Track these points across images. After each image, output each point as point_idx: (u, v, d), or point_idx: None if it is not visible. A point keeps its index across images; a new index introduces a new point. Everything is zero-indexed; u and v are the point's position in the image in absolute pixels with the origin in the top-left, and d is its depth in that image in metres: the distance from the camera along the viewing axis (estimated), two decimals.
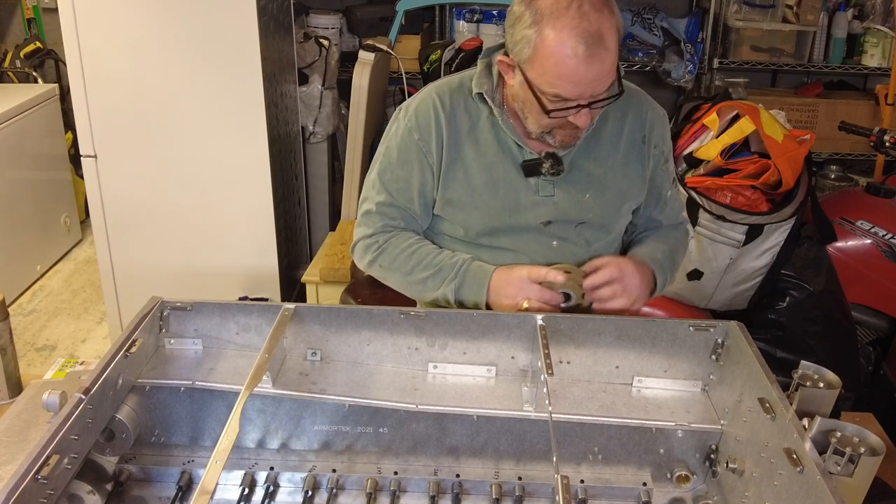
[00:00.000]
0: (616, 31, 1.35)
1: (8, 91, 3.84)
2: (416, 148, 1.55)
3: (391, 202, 1.59)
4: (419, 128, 1.55)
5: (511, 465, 1.32)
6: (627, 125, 1.56)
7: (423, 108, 1.56)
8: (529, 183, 1.53)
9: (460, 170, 1.55)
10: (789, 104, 3.80)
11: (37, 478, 0.99)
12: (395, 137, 1.58)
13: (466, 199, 1.55)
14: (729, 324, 1.35)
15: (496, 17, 3.88)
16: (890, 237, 2.47)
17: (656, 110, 1.61)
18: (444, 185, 1.56)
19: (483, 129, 1.54)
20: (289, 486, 1.30)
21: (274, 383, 1.30)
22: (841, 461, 1.03)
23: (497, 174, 1.53)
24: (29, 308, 3.61)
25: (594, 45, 1.32)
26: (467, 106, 1.55)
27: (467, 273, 1.52)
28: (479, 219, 1.56)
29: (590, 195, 1.55)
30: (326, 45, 3.44)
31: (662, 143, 1.61)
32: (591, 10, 1.32)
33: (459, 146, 1.54)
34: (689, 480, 1.30)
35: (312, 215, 3.65)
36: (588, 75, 1.35)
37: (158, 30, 2.71)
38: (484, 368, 1.38)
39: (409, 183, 1.57)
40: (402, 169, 1.57)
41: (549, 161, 1.50)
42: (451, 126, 1.54)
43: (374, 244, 1.60)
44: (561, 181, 1.53)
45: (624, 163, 1.57)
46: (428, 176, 1.56)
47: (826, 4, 3.79)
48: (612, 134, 1.56)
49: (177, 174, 2.90)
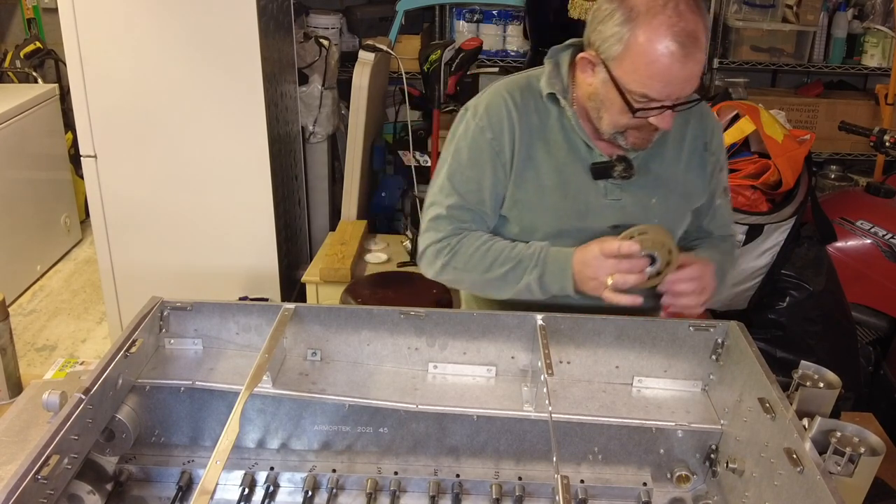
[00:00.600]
0: (708, 32, 1.36)
1: (8, 91, 3.84)
2: (489, 147, 1.51)
3: (462, 204, 1.53)
4: (491, 127, 1.51)
5: (511, 465, 1.32)
6: (690, 130, 1.55)
7: (494, 106, 1.52)
8: (598, 186, 1.51)
9: (532, 170, 1.52)
10: (789, 104, 3.80)
11: (37, 478, 0.99)
12: (465, 138, 1.54)
13: (536, 201, 1.52)
14: (729, 324, 1.35)
15: (496, 16, 3.89)
16: (890, 237, 2.47)
17: (714, 118, 1.61)
18: (515, 185, 1.52)
19: (553, 130, 1.51)
20: (289, 486, 1.30)
21: (274, 383, 1.30)
22: (841, 461, 1.03)
23: (567, 176, 1.51)
24: (29, 308, 3.61)
25: (690, 45, 1.30)
26: (537, 106, 1.52)
27: (547, 259, 1.48)
28: (548, 221, 1.53)
29: (656, 199, 1.53)
30: (326, 45, 3.44)
31: (720, 151, 1.60)
32: (687, 10, 1.31)
33: (531, 146, 1.52)
34: (689, 480, 1.30)
35: (312, 215, 3.65)
36: (681, 75, 1.33)
37: (158, 30, 2.71)
38: (484, 368, 1.38)
39: (480, 184, 1.52)
40: (472, 170, 1.53)
41: (621, 164, 1.47)
42: (524, 125, 1.51)
43: (445, 247, 1.54)
44: (628, 185, 1.51)
45: (687, 168, 1.55)
46: (500, 175, 1.52)
47: (826, 4, 3.79)
48: (675, 139, 1.54)
49: (177, 174, 2.90)
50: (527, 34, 3.70)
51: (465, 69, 3.24)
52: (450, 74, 3.12)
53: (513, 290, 1.51)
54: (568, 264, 1.45)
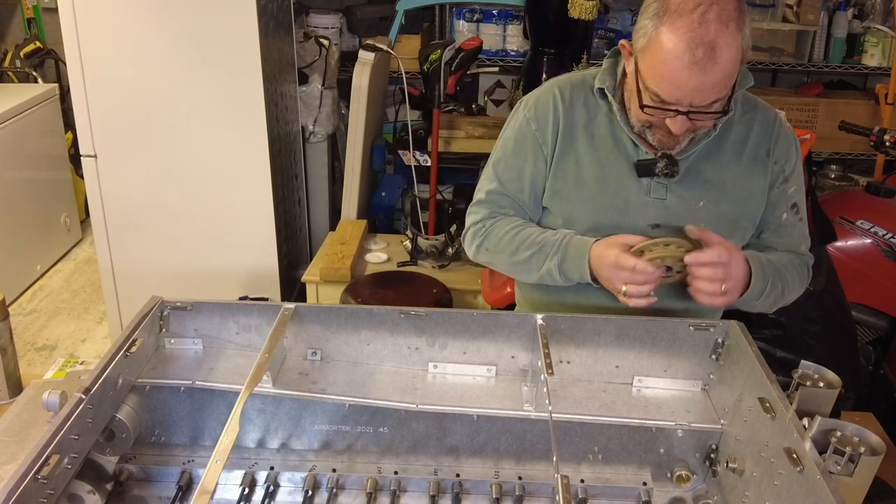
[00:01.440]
0: (737, 49, 1.30)
1: (8, 91, 3.84)
2: (532, 138, 1.55)
3: (501, 191, 1.59)
4: (537, 118, 1.55)
5: (511, 464, 1.32)
6: (753, 135, 1.52)
7: (542, 100, 1.56)
8: (641, 183, 1.50)
9: (572, 161, 1.53)
10: (789, 104, 3.80)
11: (37, 478, 0.99)
12: (513, 128, 1.59)
13: (575, 192, 1.54)
14: (729, 323, 1.35)
15: (496, 16, 3.89)
16: (890, 237, 2.47)
17: (784, 127, 1.56)
18: (554, 175, 1.55)
19: (600, 125, 1.52)
20: (289, 486, 1.30)
21: (274, 383, 1.30)
22: (841, 461, 1.03)
23: (609, 170, 1.52)
24: (29, 308, 3.61)
25: (702, 55, 1.28)
26: (587, 101, 1.54)
27: (569, 247, 1.49)
28: (585, 213, 1.54)
29: (704, 203, 1.51)
30: (326, 44, 3.44)
31: (785, 161, 1.54)
32: (714, 20, 1.28)
33: (574, 138, 1.53)
34: (689, 480, 1.30)
35: (312, 215, 3.65)
36: (689, 83, 1.31)
37: (158, 30, 2.71)
38: (484, 368, 1.38)
39: (521, 173, 1.57)
40: (516, 159, 1.57)
41: (663, 161, 1.45)
42: (568, 118, 1.53)
43: (480, 229, 1.60)
44: (675, 185, 1.50)
45: (746, 174, 1.52)
46: (541, 165, 1.55)
47: (826, 4, 3.79)
48: (735, 142, 1.51)
49: (177, 174, 2.90)
50: (527, 34, 3.70)
51: (465, 69, 3.24)
52: (450, 74, 3.12)
53: (537, 275, 1.53)
54: (585, 253, 1.46)
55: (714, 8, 1.28)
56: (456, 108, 3.66)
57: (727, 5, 1.29)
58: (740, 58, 1.33)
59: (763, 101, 1.58)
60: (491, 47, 3.90)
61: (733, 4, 1.30)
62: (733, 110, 1.45)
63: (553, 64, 3.21)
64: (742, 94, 1.52)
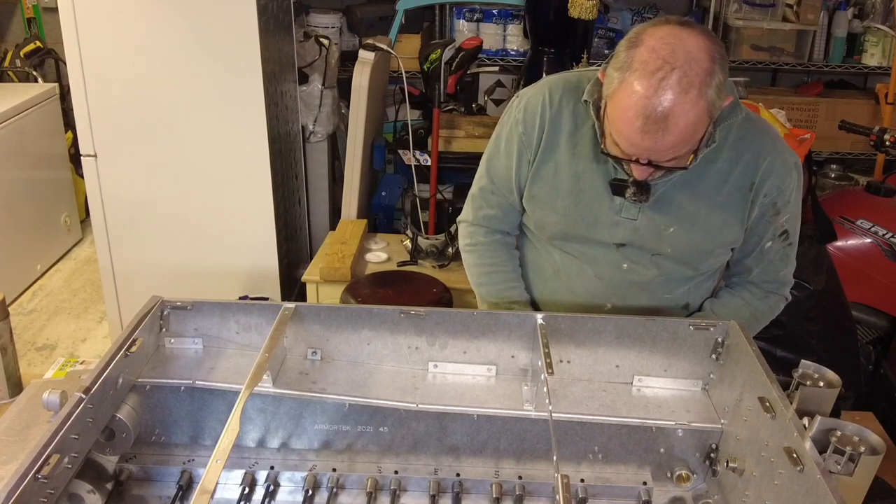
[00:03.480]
0: (697, 114, 1.26)
1: (8, 91, 3.83)
2: (519, 140, 1.56)
3: (492, 189, 1.63)
4: (525, 122, 1.55)
5: (511, 464, 1.32)
6: (738, 168, 1.48)
7: (532, 102, 1.55)
8: (614, 201, 1.50)
9: (551, 169, 1.54)
10: (789, 103, 3.80)
11: (37, 477, 0.99)
12: (506, 126, 1.60)
13: (548, 201, 1.55)
14: (729, 323, 1.35)
15: (496, 16, 3.89)
16: (890, 236, 2.47)
17: (780, 158, 1.49)
18: (532, 180, 1.56)
19: (585, 136, 1.51)
20: (289, 486, 1.30)
21: (274, 383, 1.30)
22: (841, 460, 1.03)
23: (584, 184, 1.51)
24: (29, 307, 3.61)
25: (652, 124, 1.26)
26: (576, 108, 1.52)
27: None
28: (555, 222, 1.56)
29: (675, 229, 1.50)
30: (326, 44, 3.44)
31: (777, 193, 1.50)
32: (673, 87, 1.24)
33: (556, 146, 1.53)
34: (689, 480, 1.30)
35: (312, 215, 3.65)
36: (642, 144, 1.30)
37: (158, 30, 2.71)
38: (484, 367, 1.38)
39: (509, 173, 1.59)
40: (506, 158, 1.60)
41: (633, 187, 1.43)
42: (554, 125, 1.53)
43: (469, 238, 1.70)
44: (647, 207, 1.49)
45: (723, 205, 1.50)
46: (525, 169, 1.57)
47: (826, 4, 3.79)
48: (719, 173, 1.48)
49: (177, 174, 2.90)
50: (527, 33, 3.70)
51: (466, 68, 3.24)
52: (450, 74, 3.11)
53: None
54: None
55: (675, 73, 1.24)
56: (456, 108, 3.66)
57: (691, 69, 1.24)
58: (705, 118, 1.29)
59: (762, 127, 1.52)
60: (491, 47, 3.90)
61: (699, 67, 1.25)
62: (715, 143, 1.42)
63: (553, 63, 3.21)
64: (740, 121, 1.48)
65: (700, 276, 1.59)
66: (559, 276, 1.61)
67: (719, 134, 1.43)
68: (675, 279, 1.57)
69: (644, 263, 1.54)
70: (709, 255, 1.55)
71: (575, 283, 1.59)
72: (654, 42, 1.27)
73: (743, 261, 1.61)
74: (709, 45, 1.28)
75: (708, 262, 1.57)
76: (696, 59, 1.25)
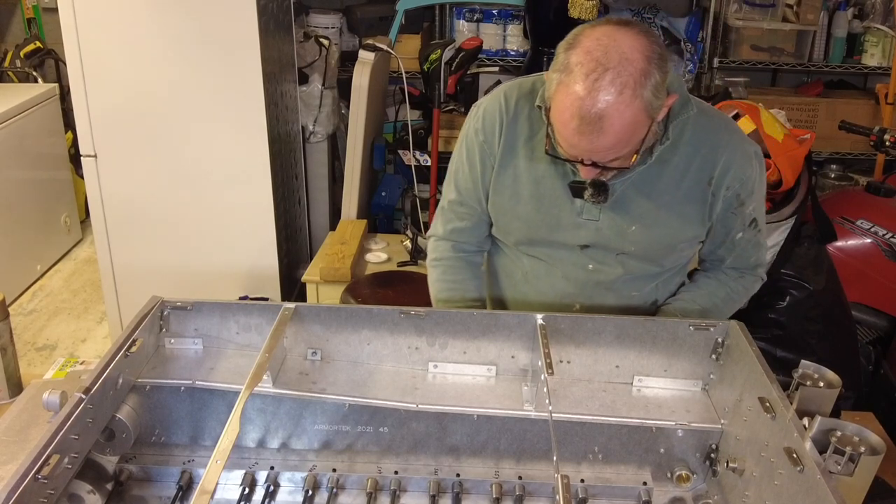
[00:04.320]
0: (633, 113, 1.26)
1: (8, 91, 3.83)
2: (481, 149, 1.56)
3: (461, 201, 1.63)
4: (484, 130, 1.55)
5: (511, 464, 1.32)
6: (696, 164, 1.47)
7: (490, 110, 1.55)
8: (575, 204, 1.50)
9: (510, 176, 1.54)
10: (789, 103, 3.80)
11: (37, 477, 0.99)
12: (466, 137, 1.60)
13: (510, 207, 1.55)
14: (729, 323, 1.35)
15: (496, 16, 3.88)
16: (890, 236, 2.47)
17: (739, 151, 1.49)
18: (493, 187, 1.57)
19: (541, 141, 1.50)
20: (289, 486, 1.30)
21: (274, 383, 1.30)
22: (841, 460, 1.03)
23: (544, 188, 1.52)
24: (29, 308, 3.61)
25: (586, 125, 1.26)
26: (531, 113, 1.52)
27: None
28: (519, 228, 1.56)
29: (636, 228, 1.51)
30: (326, 44, 3.44)
31: (740, 185, 1.49)
32: (606, 88, 1.24)
33: (514, 153, 1.53)
34: (689, 480, 1.30)
35: (312, 215, 3.65)
36: (579, 145, 1.32)
37: (158, 30, 2.71)
38: (484, 368, 1.38)
39: (476, 183, 1.59)
40: (470, 168, 1.59)
41: (591, 189, 1.44)
42: (511, 132, 1.53)
43: (436, 253, 1.68)
44: (608, 208, 1.49)
45: (683, 201, 1.49)
46: (488, 177, 1.57)
47: (826, 4, 3.78)
48: (676, 169, 1.48)
49: (177, 174, 2.90)
50: (527, 34, 3.70)
51: (466, 69, 3.24)
52: (450, 74, 3.12)
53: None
54: None
55: (608, 74, 1.24)
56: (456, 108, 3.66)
57: (624, 70, 1.24)
58: (642, 118, 1.29)
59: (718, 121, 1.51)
60: (491, 47, 3.89)
61: (633, 68, 1.25)
62: (669, 140, 1.43)
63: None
64: (694, 116, 1.47)
65: (666, 272, 1.60)
66: (528, 279, 1.62)
67: (673, 131, 1.44)
68: (641, 277, 1.57)
69: (609, 263, 1.55)
70: (672, 252, 1.56)
71: (544, 285, 1.60)
72: (590, 43, 1.28)
73: (715, 251, 1.61)
74: (645, 46, 1.27)
75: (672, 259, 1.57)
76: (631, 59, 1.25)
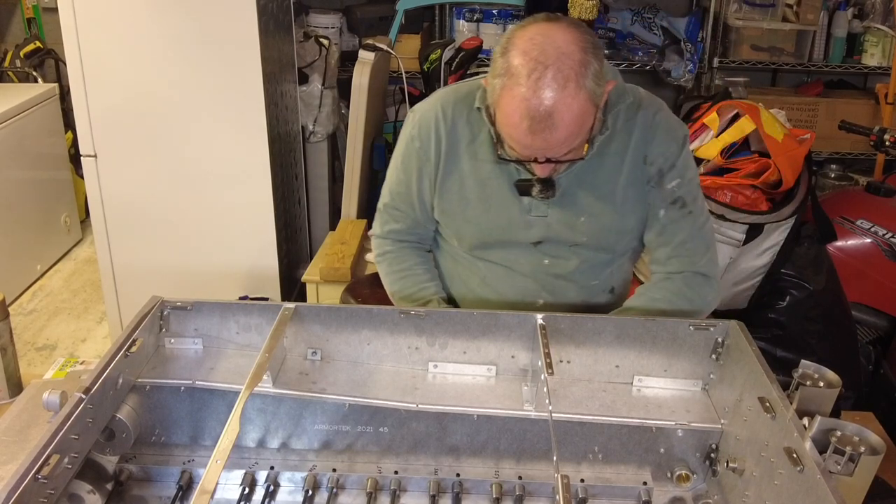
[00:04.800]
0: (580, 104, 1.29)
1: (8, 91, 3.83)
2: (417, 156, 1.57)
3: (394, 205, 1.64)
4: (420, 136, 1.56)
5: (511, 464, 1.32)
6: (633, 142, 1.50)
7: (426, 116, 1.56)
8: (523, 202, 1.52)
9: (456, 181, 1.55)
10: (789, 103, 3.80)
11: (37, 477, 0.99)
12: (402, 144, 1.61)
13: (459, 212, 1.56)
14: (729, 323, 1.35)
15: (496, 16, 3.88)
16: (890, 236, 2.47)
17: (663, 125, 1.51)
18: (439, 195, 1.57)
19: (483, 143, 1.52)
20: (289, 486, 1.30)
21: (274, 383, 1.30)
22: (841, 460, 1.03)
23: (491, 190, 1.53)
24: (29, 308, 3.61)
25: (538, 123, 1.28)
26: (470, 117, 1.53)
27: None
28: (471, 232, 1.57)
29: (585, 218, 1.52)
30: (326, 44, 3.44)
31: (663, 159, 1.50)
32: (550, 84, 1.26)
33: (457, 158, 1.54)
34: (689, 480, 1.30)
35: (312, 215, 3.65)
36: (534, 145, 1.33)
37: (158, 30, 2.71)
38: (484, 368, 1.38)
39: (409, 189, 1.60)
40: (405, 174, 1.60)
41: (539, 185, 1.46)
42: (451, 137, 1.53)
43: (378, 247, 1.69)
44: (556, 202, 1.51)
45: (625, 185, 1.51)
46: (426, 183, 1.58)
47: (826, 4, 3.79)
48: (616, 155, 1.50)
49: (177, 174, 2.90)
50: None
51: (466, 68, 3.24)
52: (450, 74, 3.11)
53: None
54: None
55: (549, 71, 1.26)
56: None
57: (564, 64, 1.26)
58: (589, 107, 1.31)
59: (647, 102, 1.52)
60: (491, 47, 3.88)
61: (571, 60, 1.27)
62: (608, 130, 1.46)
63: None
64: (626, 105, 1.49)
65: (618, 257, 1.61)
66: (487, 283, 1.62)
67: (610, 120, 1.46)
68: (596, 265, 1.58)
69: (564, 256, 1.56)
70: (622, 236, 1.57)
71: (503, 286, 1.60)
72: (524, 44, 1.30)
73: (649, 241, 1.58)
74: (578, 37, 1.30)
75: (623, 244, 1.58)
76: (567, 52, 1.28)
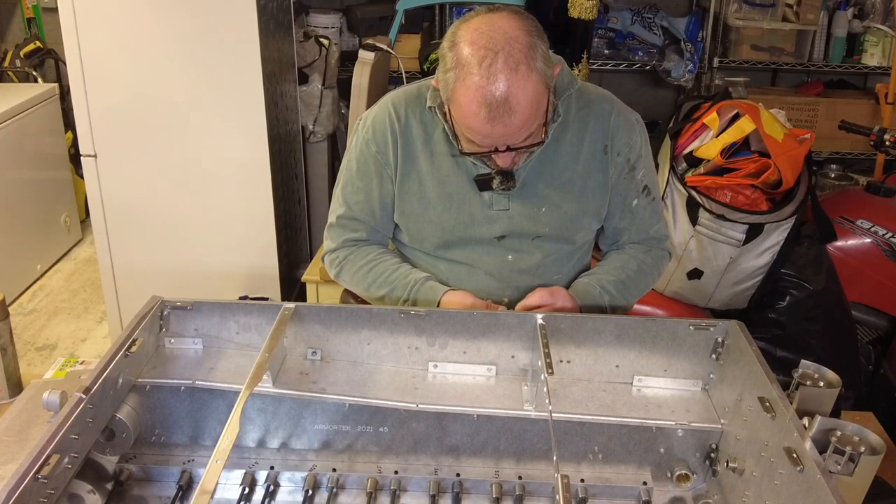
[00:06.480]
0: (533, 86, 1.31)
1: (8, 91, 3.83)
2: (374, 160, 1.56)
3: (352, 215, 1.61)
4: (376, 140, 1.55)
5: (511, 464, 1.32)
6: (589, 135, 1.52)
7: (378, 119, 1.55)
8: (483, 197, 1.52)
9: (415, 182, 1.55)
10: (789, 103, 3.80)
11: (37, 477, 0.99)
12: (355, 150, 1.59)
13: (420, 212, 1.56)
14: (729, 323, 1.35)
15: None
16: (890, 236, 2.47)
17: (623, 116, 1.55)
18: (399, 197, 1.56)
19: (438, 142, 1.53)
20: (289, 486, 1.30)
21: (274, 383, 1.30)
22: (841, 460, 1.03)
23: (451, 187, 1.53)
24: (29, 308, 3.61)
25: (496, 109, 1.30)
26: (423, 117, 1.53)
27: (419, 294, 1.54)
28: (433, 232, 1.56)
29: (546, 208, 1.53)
30: (326, 44, 3.44)
31: (628, 150, 1.55)
32: (503, 70, 1.28)
33: (414, 158, 1.54)
34: (689, 480, 1.30)
35: (312, 215, 3.65)
36: (493, 133, 1.34)
37: (158, 30, 2.71)
38: (484, 367, 1.38)
39: (369, 195, 1.58)
40: (361, 181, 1.58)
41: (499, 177, 1.48)
42: (406, 138, 1.53)
43: (335, 260, 1.64)
44: (516, 195, 1.52)
45: (584, 174, 1.54)
46: (388, 187, 1.57)
47: (826, 3, 3.78)
48: (572, 144, 1.52)
49: (177, 174, 2.90)
50: None
51: None
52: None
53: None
54: (436, 301, 1.52)
55: (500, 57, 1.28)
56: None
57: (513, 48, 1.29)
58: (542, 89, 1.33)
59: (602, 92, 1.57)
60: None
61: (519, 44, 1.30)
62: (560, 116, 1.48)
63: None
64: (576, 92, 1.52)
65: (578, 250, 1.62)
66: (449, 284, 1.60)
67: (562, 107, 1.48)
68: (558, 258, 1.59)
69: (527, 250, 1.56)
70: (582, 226, 1.58)
71: (467, 286, 1.59)
72: (471, 35, 1.32)
73: (617, 224, 1.62)
74: (521, 22, 1.33)
75: (582, 234, 1.60)
76: (514, 37, 1.30)
